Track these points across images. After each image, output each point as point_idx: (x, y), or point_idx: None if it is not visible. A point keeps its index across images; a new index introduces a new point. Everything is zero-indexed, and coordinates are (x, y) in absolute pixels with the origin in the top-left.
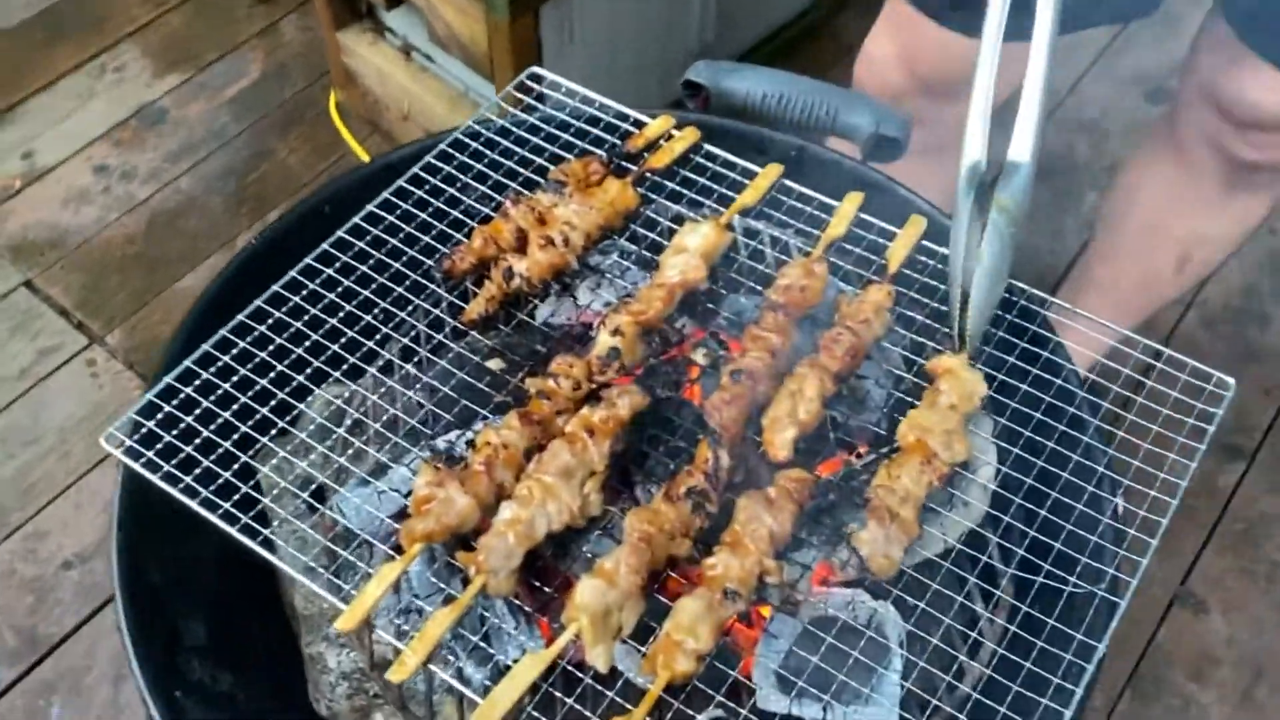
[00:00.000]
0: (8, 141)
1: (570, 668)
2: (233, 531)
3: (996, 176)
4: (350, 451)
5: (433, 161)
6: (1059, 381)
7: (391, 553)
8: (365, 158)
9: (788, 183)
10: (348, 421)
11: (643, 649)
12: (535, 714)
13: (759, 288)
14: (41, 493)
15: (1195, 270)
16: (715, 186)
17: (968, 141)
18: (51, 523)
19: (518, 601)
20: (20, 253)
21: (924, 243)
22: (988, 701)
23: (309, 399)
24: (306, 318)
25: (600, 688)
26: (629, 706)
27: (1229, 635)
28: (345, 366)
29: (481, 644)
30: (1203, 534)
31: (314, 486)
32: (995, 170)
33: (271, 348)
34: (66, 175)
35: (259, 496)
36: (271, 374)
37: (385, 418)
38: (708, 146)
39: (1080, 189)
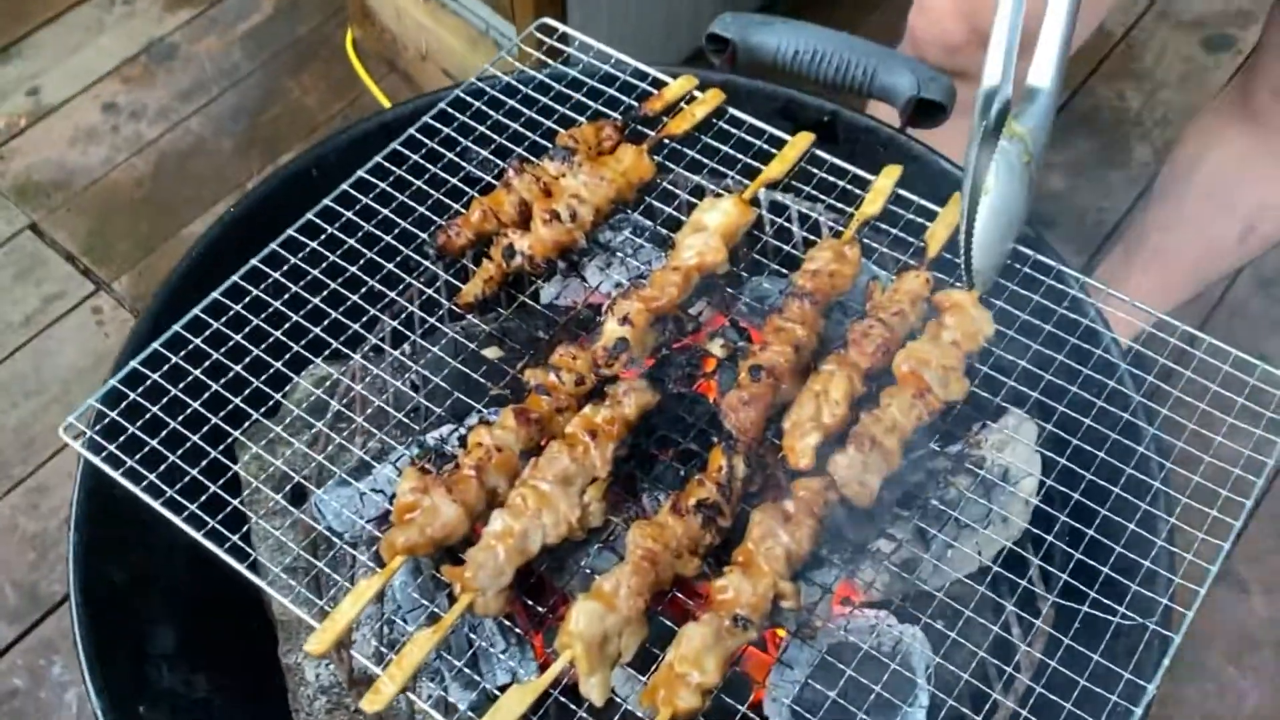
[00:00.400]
0: (12, 77)
1: (564, 699)
2: (198, 536)
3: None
4: (331, 447)
5: (430, 122)
6: (1111, 383)
7: (372, 565)
8: (382, 98)
9: (819, 153)
10: (330, 413)
11: (643, 679)
12: None
13: (784, 270)
14: (44, 446)
15: (1259, 241)
16: (739, 156)
17: (987, 66)
18: (55, 477)
19: (508, 623)
20: (25, 194)
21: None
22: None
23: (288, 387)
24: (287, 296)
25: None
26: None
27: (1270, 617)
28: (328, 351)
29: (467, 669)
30: (1244, 511)
31: (291, 485)
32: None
33: (248, 329)
34: (74, 113)
35: (229, 499)
36: (248, 359)
37: (371, 410)
38: (732, 111)
39: (1129, 142)
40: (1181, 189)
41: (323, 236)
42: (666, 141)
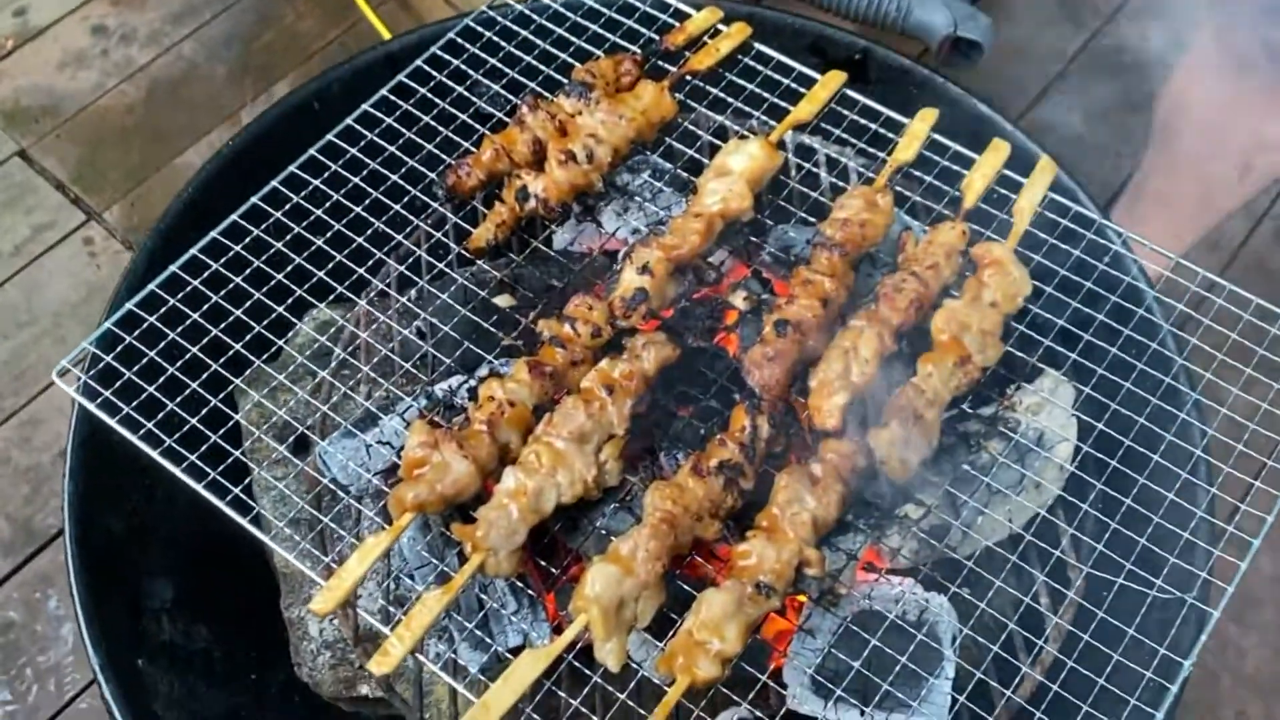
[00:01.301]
0: None
1: (577, 664)
2: (199, 488)
3: None
4: (336, 397)
5: (439, 54)
6: (1153, 345)
7: (378, 520)
8: (380, 26)
9: (850, 93)
10: (335, 361)
11: (661, 645)
12: (535, 716)
13: (811, 219)
14: (35, 379)
15: (1259, 179)
16: (765, 94)
17: None
18: (46, 410)
19: (520, 584)
20: (13, 119)
21: (1007, 173)
22: None
23: (291, 333)
24: (289, 237)
25: (610, 688)
26: (642, 712)
27: (1273, 575)
28: (333, 296)
29: (478, 631)
30: (1256, 466)
31: (295, 435)
32: None
33: (248, 271)
34: (62, 35)
35: (230, 449)
36: (249, 302)
37: (377, 359)
38: (759, 46)
39: (1153, 85)
40: (1175, 128)
41: (326, 174)
42: (689, 78)
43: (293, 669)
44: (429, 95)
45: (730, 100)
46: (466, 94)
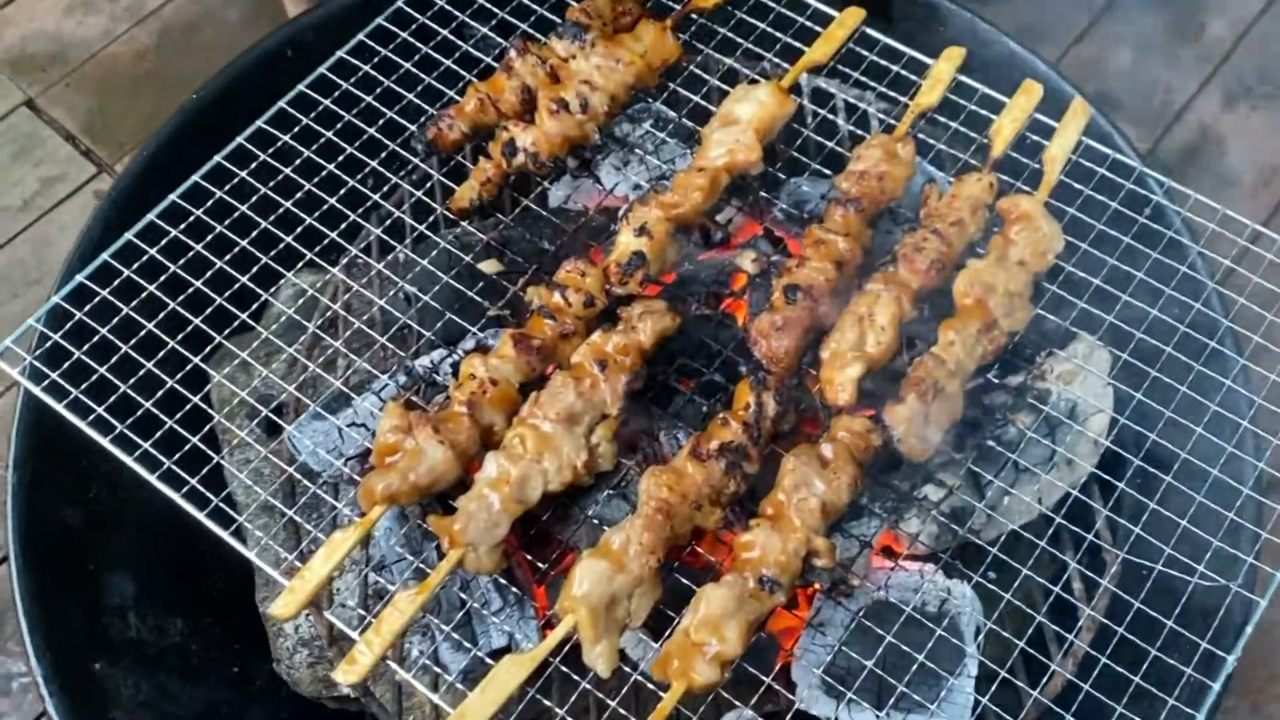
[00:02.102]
0: None
1: (565, 669)
2: (152, 479)
3: None
4: (306, 375)
5: None
6: (1197, 305)
7: (349, 513)
8: None
9: (869, 32)
10: (307, 335)
11: (656, 645)
12: None
13: (827, 171)
14: None
15: None
16: (778, 34)
17: None
18: None
19: (505, 580)
20: (20, 68)
21: (1040, 116)
22: None
23: (256, 305)
24: (256, 198)
25: (602, 695)
26: (632, 718)
27: None
28: (303, 263)
29: (456, 634)
30: None
31: (260, 417)
32: None
33: (211, 237)
34: None
35: (188, 435)
36: (211, 271)
37: (351, 331)
38: None
39: (1200, 15)
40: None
41: (297, 128)
42: (694, 17)
43: (275, 669)
44: (410, 39)
45: (740, 41)
46: (452, 38)
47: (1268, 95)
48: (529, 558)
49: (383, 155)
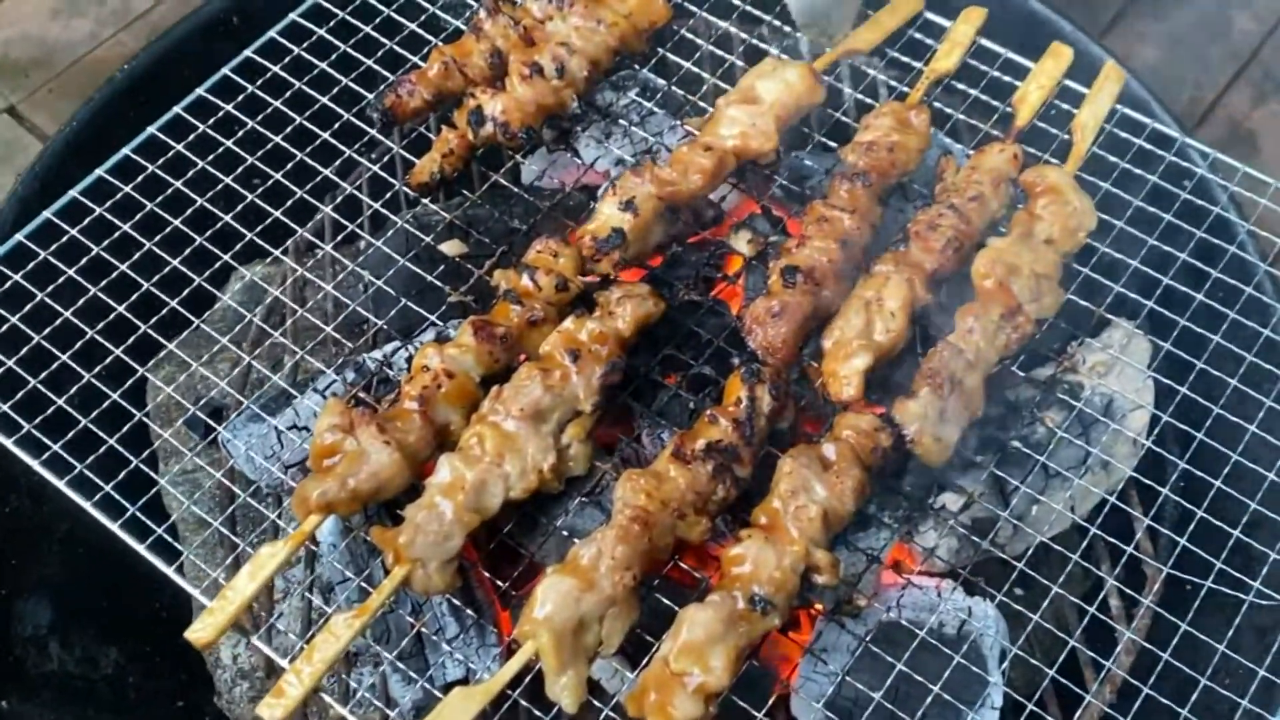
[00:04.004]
0: None
1: (526, 704)
2: (61, 485)
3: None
4: (241, 369)
5: None
6: (1247, 289)
7: (285, 526)
8: None
9: None
10: (249, 325)
11: (633, 675)
12: None
13: (832, 143)
14: None
15: None
16: None
17: None
18: None
19: (459, 602)
20: (2, 72)
21: (1069, 83)
22: None
23: (189, 289)
24: (193, 172)
25: None
26: None
27: None
28: (240, 246)
29: (403, 664)
30: None
31: (185, 418)
32: None
33: (140, 215)
34: None
35: (104, 436)
36: (139, 253)
37: (294, 319)
38: None
39: (1230, 10)
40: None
41: (242, 96)
42: None
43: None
44: (372, 2)
45: (736, 2)
46: None
47: None
48: (490, 576)
49: (336, 126)
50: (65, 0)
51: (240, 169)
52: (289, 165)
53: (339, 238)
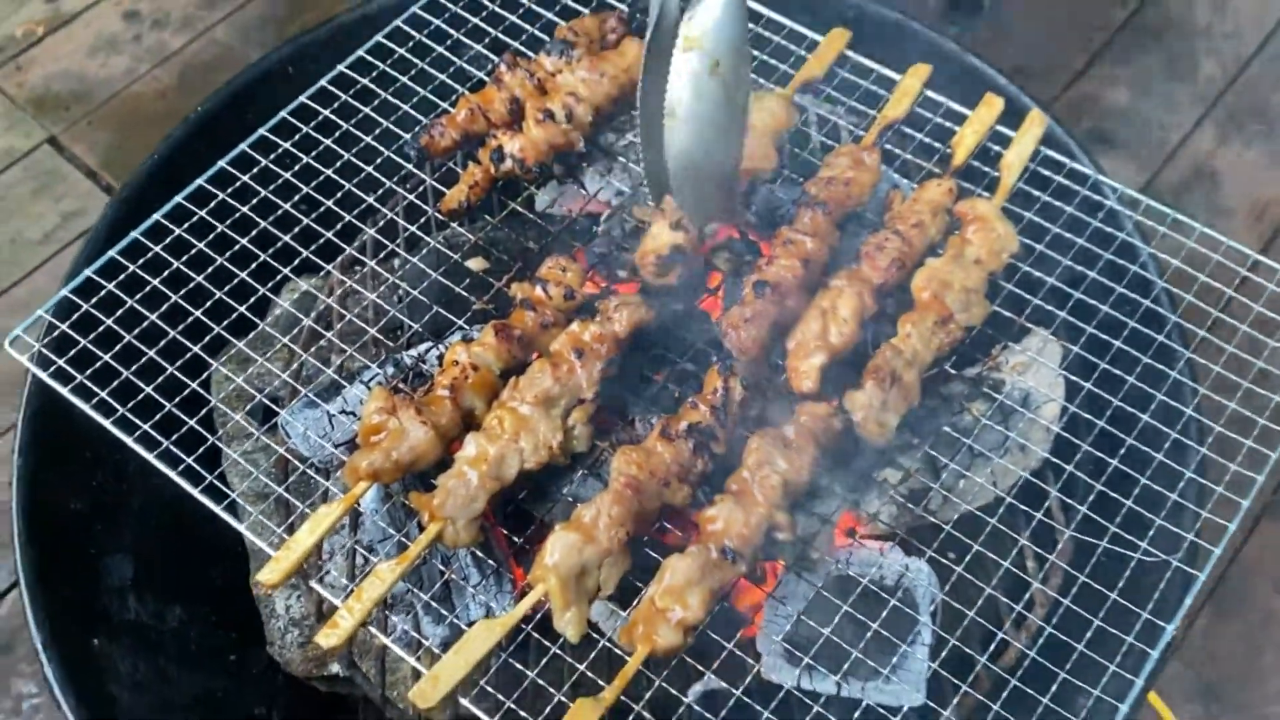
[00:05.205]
0: None
1: (537, 636)
2: (151, 458)
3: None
4: (298, 364)
5: (419, 13)
6: (1146, 302)
7: (338, 492)
8: None
9: (845, 51)
10: (302, 329)
11: (624, 614)
12: (489, 689)
13: (799, 178)
14: None
15: None
16: (755, 52)
17: None
18: None
19: (483, 554)
20: (43, 106)
21: (1000, 128)
22: (1029, 691)
23: (254, 298)
24: (256, 200)
25: (572, 660)
26: (602, 684)
27: None
28: (298, 260)
29: (435, 604)
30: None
31: (252, 404)
32: None
33: (212, 236)
34: (94, 21)
35: (185, 418)
36: (212, 267)
37: (342, 324)
38: (750, 3)
39: (1196, 56)
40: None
41: (297, 136)
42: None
43: (269, 651)
44: (407, 55)
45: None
46: (447, 54)
47: (1260, 133)
48: (506, 534)
49: (378, 161)
50: (104, 39)
51: (296, 197)
52: (337, 194)
53: (380, 255)
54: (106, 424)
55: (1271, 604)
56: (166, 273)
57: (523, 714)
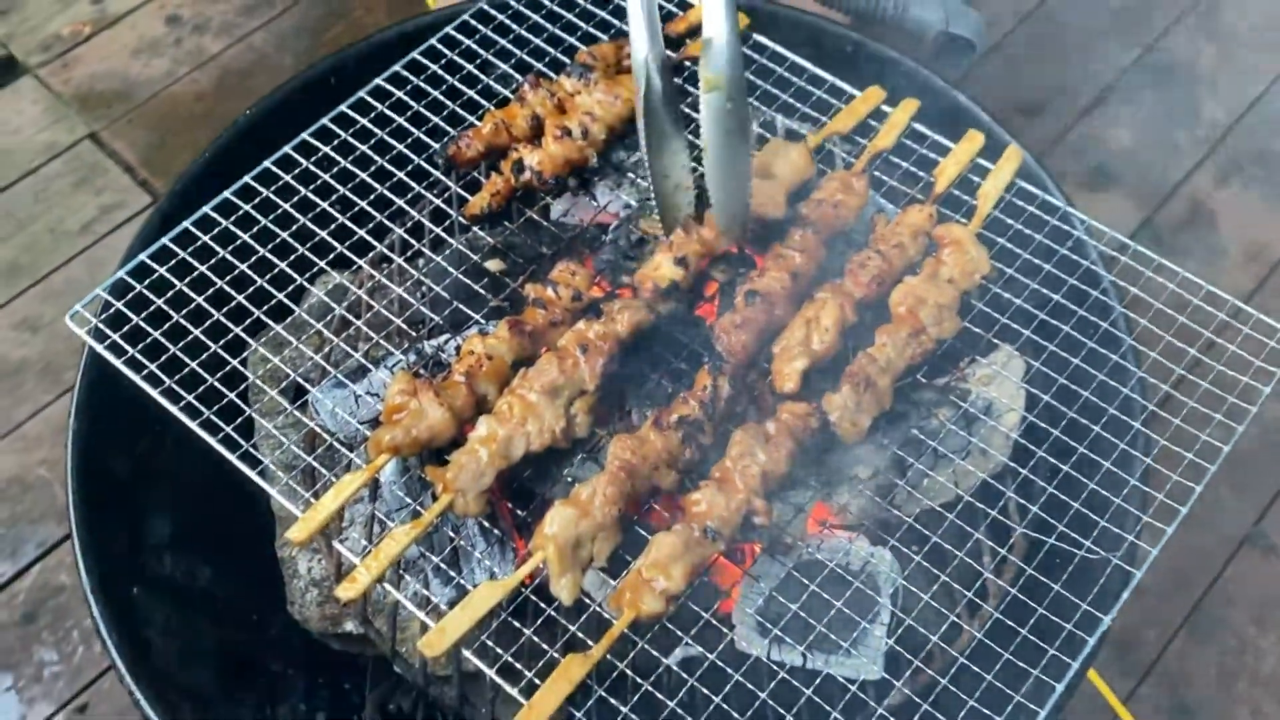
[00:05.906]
0: None
1: (535, 598)
2: (194, 426)
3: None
4: (328, 348)
5: (452, 34)
6: (1105, 325)
7: (363, 464)
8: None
9: (838, 83)
10: (334, 316)
11: (614, 582)
12: (490, 644)
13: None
14: None
15: None
16: (760, 82)
17: (634, 41)
18: None
19: (489, 525)
20: (87, 103)
21: (980, 160)
22: (976, 669)
23: (291, 288)
24: (297, 199)
25: (565, 622)
26: (591, 643)
27: None
28: (332, 255)
29: (444, 565)
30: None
31: (287, 382)
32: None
33: (256, 229)
34: (138, 23)
35: (225, 391)
36: (254, 258)
37: (368, 315)
38: (756, 37)
39: (1198, 100)
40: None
41: (335, 141)
42: (688, 64)
43: (289, 611)
44: (439, 72)
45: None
46: (476, 72)
47: (1258, 177)
48: (510, 508)
49: (409, 168)
50: (146, 41)
51: (333, 197)
52: (370, 196)
53: (407, 254)
54: (154, 394)
55: (1247, 633)
56: (213, 260)
57: (519, 666)
